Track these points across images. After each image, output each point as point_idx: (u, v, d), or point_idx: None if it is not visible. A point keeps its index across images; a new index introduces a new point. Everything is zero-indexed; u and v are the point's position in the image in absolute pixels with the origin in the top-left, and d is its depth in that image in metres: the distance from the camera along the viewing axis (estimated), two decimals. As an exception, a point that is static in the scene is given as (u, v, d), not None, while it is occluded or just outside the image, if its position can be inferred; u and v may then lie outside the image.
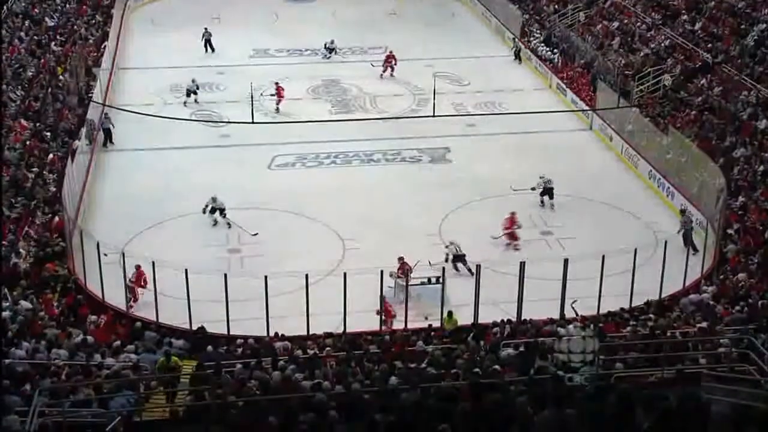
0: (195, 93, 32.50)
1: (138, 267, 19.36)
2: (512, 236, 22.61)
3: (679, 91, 28.85)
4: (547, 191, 24.84)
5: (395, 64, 35.29)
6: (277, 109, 31.79)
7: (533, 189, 24.76)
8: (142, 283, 19.42)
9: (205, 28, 38.86)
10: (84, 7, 39.36)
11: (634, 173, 27.01)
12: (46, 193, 22.80)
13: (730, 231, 21.47)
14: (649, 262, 19.60)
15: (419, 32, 41.20)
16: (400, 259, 20.19)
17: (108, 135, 28.55)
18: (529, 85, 35.06)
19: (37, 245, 20.34)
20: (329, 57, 37.53)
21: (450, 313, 18.11)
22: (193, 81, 32.66)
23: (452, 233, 22.93)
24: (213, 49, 38.38)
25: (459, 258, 21.19)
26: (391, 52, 35.80)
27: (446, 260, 20.97)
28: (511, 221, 22.75)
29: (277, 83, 32.37)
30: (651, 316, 17.39)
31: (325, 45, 37.78)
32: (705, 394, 11.12)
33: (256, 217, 23.81)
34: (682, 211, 22.95)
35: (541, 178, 24.80)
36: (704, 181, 23.25)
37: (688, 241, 21.92)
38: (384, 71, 35.30)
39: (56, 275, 19.30)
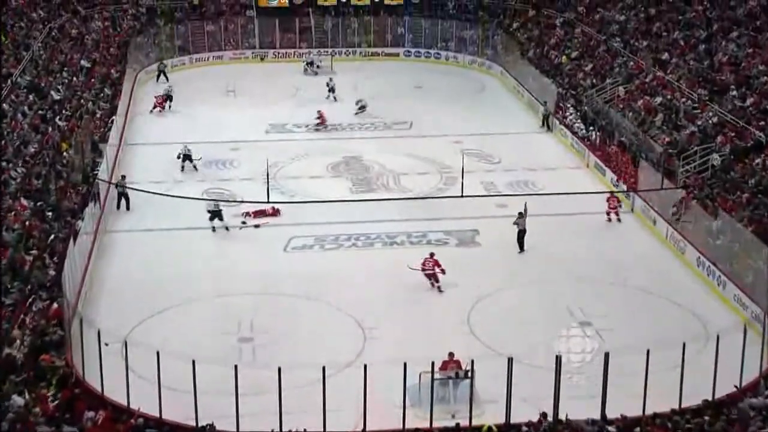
0: (190, 159, 33.43)
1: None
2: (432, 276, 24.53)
3: (729, 171, 28.76)
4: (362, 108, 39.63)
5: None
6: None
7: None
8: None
9: (161, 60, 46.26)
10: (92, 80, 40.17)
11: (681, 260, 26.79)
12: (45, 277, 22.85)
13: (789, 324, 21.09)
14: (698, 358, 19.27)
15: (446, 106, 41.60)
16: (451, 355, 19.85)
17: (126, 199, 29.41)
18: (565, 163, 35.17)
19: (32, 334, 20.29)
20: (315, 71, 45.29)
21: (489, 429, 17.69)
22: (185, 146, 33.67)
23: (482, 321, 22.82)
24: (167, 79, 44.79)
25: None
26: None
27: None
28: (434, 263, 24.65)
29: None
30: (706, 418, 17.01)
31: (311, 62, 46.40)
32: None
33: (270, 303, 23.77)
34: (520, 214, 26.94)
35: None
36: (759, 269, 22.99)
37: (520, 240, 26.77)
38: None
39: (53, 367, 19.20)
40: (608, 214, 29.53)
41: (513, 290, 24.92)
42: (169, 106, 41.24)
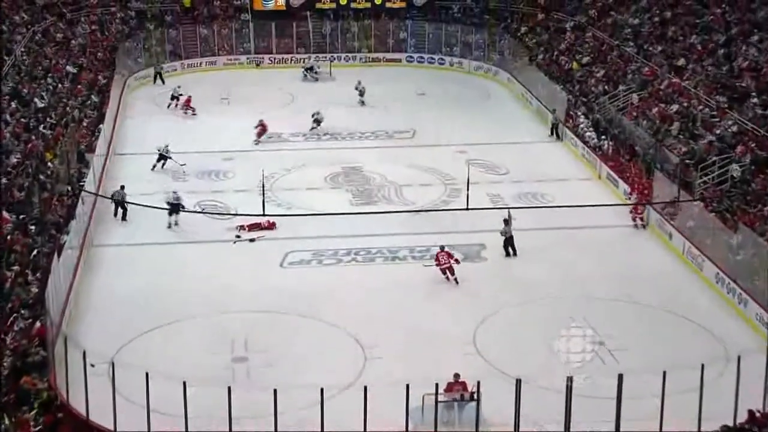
0: (165, 159, 33.89)
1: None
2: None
3: (749, 182, 28.68)
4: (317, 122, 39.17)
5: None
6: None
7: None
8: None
9: (157, 62, 47.51)
10: (78, 86, 40.15)
11: (699, 276, 26.68)
12: (27, 295, 22.75)
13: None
14: (717, 380, 19.14)
15: (450, 114, 41.57)
16: (456, 376, 19.73)
17: (124, 209, 29.46)
18: (575, 174, 35.12)
19: (14, 354, 20.18)
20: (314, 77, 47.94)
21: None
22: (166, 145, 33.96)
23: (489, 340, 22.72)
24: (163, 82, 46.01)
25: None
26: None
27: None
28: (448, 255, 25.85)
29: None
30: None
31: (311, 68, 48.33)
32: None
33: (266, 321, 23.69)
34: (506, 221, 27.51)
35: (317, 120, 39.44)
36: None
37: (508, 247, 27.50)
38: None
39: (35, 389, 19.08)
40: (634, 219, 29.90)
41: (521, 307, 24.81)
42: (176, 105, 42.34)
